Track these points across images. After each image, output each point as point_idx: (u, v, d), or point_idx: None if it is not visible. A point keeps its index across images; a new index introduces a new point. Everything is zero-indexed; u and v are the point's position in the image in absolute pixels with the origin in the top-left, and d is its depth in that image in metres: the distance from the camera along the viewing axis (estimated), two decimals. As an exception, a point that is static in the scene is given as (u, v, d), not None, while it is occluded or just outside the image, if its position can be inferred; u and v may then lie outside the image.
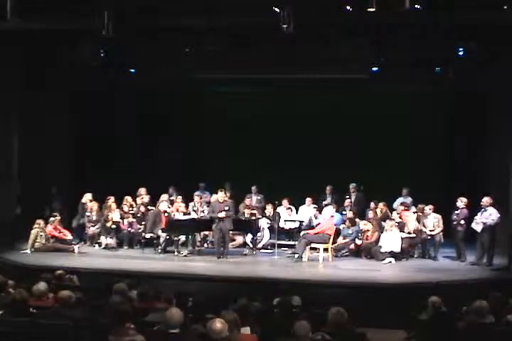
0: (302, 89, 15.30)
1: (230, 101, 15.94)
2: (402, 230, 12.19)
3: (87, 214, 13.22)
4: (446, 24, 10.75)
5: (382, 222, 12.57)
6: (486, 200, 11.48)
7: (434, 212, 12.35)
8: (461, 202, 11.89)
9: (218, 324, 4.98)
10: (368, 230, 12.44)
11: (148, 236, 12.56)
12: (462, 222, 11.80)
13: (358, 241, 12.42)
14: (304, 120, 15.64)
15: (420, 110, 15.13)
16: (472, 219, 11.68)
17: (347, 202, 13.91)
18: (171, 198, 13.59)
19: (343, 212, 13.51)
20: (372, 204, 13.41)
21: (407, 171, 14.71)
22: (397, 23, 10.54)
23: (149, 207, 13.45)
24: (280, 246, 12.85)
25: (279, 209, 13.90)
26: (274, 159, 15.77)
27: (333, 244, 12.10)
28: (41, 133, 13.85)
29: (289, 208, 14.06)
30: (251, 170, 15.43)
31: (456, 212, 11.95)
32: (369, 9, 9.46)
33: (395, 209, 13.20)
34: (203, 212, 13.25)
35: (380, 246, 11.96)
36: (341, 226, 12.94)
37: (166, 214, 12.67)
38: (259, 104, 16.11)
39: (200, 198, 13.75)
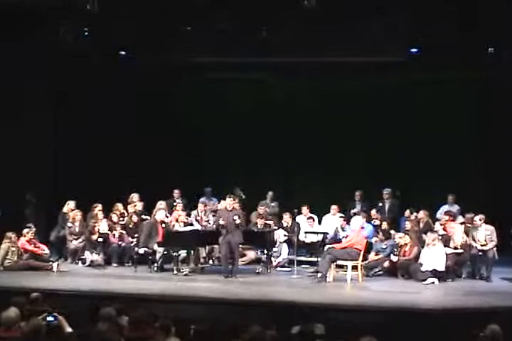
0: (326, 76, 15.24)
1: (239, 90, 15.92)
2: (446, 245, 12.11)
3: (69, 224, 13.21)
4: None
5: (423, 235, 12.51)
6: None
7: (485, 223, 12.25)
8: None
9: (226, 358, 4.90)
10: (406, 244, 12.35)
11: (141, 251, 12.52)
12: None
13: (394, 258, 12.35)
14: (328, 112, 15.61)
15: (470, 101, 14.99)
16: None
17: (373, 212, 13.82)
18: (174, 203, 13.52)
19: (374, 223, 13.44)
20: (407, 213, 13.37)
21: (454, 174, 14.64)
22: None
23: (143, 217, 13.47)
24: (300, 263, 12.84)
25: (298, 219, 13.85)
26: (291, 159, 15.72)
27: (363, 260, 12.06)
28: (17, 128, 13.86)
29: (311, 217, 13.99)
30: (264, 172, 15.39)
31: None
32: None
33: (438, 220, 13.17)
34: (207, 222, 13.24)
35: (421, 264, 11.90)
36: (373, 240, 12.92)
37: (164, 225, 12.65)
38: (273, 93, 16.07)
39: (205, 206, 13.76)
